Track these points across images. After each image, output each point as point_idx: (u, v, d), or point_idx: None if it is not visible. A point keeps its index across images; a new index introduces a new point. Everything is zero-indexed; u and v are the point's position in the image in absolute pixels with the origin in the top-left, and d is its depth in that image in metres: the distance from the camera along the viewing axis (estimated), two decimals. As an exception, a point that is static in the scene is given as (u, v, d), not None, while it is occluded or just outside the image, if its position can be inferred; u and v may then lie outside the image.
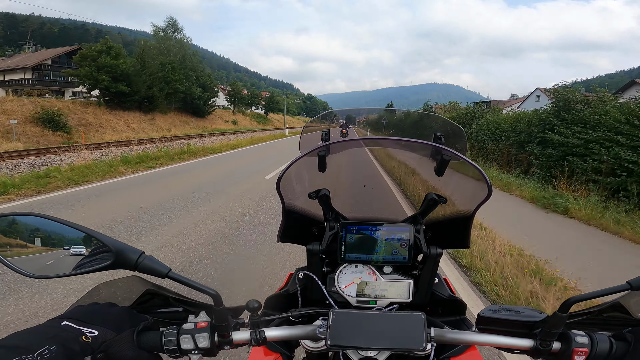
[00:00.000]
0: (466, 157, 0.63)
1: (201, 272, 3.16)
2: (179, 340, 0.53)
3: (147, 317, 0.55)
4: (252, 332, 0.57)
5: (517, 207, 6.49)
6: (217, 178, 8.27)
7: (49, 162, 10.15)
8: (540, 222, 5.57)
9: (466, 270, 3.45)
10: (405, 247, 0.70)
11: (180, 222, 4.61)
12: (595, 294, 0.51)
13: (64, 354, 0.42)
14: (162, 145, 14.37)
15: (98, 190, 6.54)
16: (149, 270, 0.51)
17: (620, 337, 0.53)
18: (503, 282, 3.06)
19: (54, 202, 5.60)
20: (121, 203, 5.57)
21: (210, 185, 7.23)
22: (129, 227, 4.33)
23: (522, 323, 0.57)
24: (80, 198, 5.89)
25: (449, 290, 0.78)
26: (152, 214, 4.93)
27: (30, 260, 0.54)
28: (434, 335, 0.57)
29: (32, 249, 0.54)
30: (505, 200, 6.96)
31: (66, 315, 0.49)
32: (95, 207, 5.33)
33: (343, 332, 0.56)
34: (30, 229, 0.55)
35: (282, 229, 0.74)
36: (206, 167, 10.19)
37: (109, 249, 0.51)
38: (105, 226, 4.31)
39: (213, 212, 5.19)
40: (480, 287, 3.11)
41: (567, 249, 4.23)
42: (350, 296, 0.71)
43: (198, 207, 5.44)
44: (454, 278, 3.28)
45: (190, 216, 4.92)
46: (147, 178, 8.14)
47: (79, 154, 10.77)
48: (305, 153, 0.66)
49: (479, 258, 3.52)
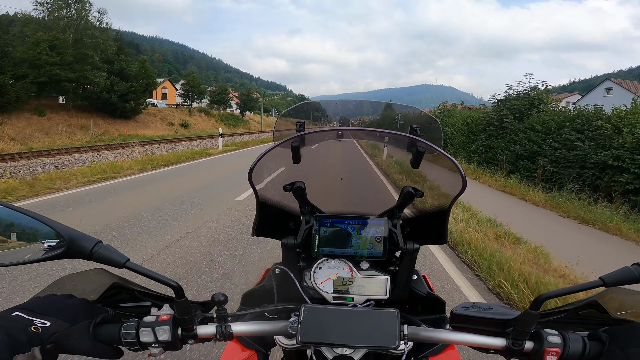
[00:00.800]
0: (441, 149, 0.62)
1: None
2: (139, 333, 0.52)
3: (108, 310, 0.54)
4: (218, 327, 0.55)
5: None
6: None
7: None
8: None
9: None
10: (380, 241, 0.69)
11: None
12: (568, 290, 0.50)
13: (7, 344, 0.41)
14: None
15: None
16: (105, 259, 0.49)
17: (594, 337, 0.51)
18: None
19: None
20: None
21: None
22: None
23: (495, 321, 0.56)
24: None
25: (428, 288, 0.77)
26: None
27: (8, 254, 0.53)
28: (407, 332, 0.55)
29: (9, 244, 0.53)
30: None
31: (20, 306, 0.48)
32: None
33: (315, 329, 0.54)
34: (5, 224, 0.53)
35: (257, 223, 0.72)
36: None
37: (61, 237, 0.50)
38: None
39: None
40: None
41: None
42: (326, 292, 0.70)
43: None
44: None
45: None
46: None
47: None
48: (277, 144, 0.64)
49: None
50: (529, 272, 3.31)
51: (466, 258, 3.97)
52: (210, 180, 8.11)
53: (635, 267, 0.48)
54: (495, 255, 3.71)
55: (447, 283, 3.36)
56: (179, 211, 5.16)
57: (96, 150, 13.89)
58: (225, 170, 9.74)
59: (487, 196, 8.23)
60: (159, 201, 5.71)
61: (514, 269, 3.36)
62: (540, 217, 6.61)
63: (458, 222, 4.96)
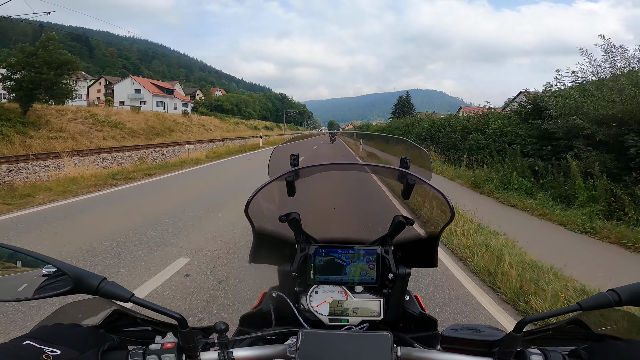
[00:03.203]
0: (431, 181, 0.66)
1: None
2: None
3: (114, 337, 0.56)
4: (220, 353, 0.58)
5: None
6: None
7: None
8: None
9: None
10: (373, 268, 0.72)
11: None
12: (548, 314, 0.55)
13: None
14: None
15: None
16: (111, 295, 0.52)
17: (575, 355, 0.55)
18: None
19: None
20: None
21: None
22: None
23: (482, 342, 0.60)
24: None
25: (420, 308, 0.81)
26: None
27: (3, 282, 0.55)
28: (400, 354, 0.58)
29: (5, 271, 0.55)
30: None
31: (29, 335, 0.49)
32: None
33: (312, 352, 0.57)
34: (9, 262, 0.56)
35: (254, 251, 0.75)
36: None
37: (67, 275, 0.52)
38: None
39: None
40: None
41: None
42: (322, 315, 0.72)
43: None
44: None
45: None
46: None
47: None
48: (272, 179, 0.67)
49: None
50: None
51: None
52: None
53: (610, 292, 0.52)
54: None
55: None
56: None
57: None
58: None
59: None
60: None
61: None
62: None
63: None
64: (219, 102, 56.61)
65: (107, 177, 8.26)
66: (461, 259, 3.90)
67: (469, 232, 4.41)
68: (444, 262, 3.77)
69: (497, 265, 3.44)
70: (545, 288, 2.86)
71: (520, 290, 2.95)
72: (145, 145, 21.57)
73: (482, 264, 3.54)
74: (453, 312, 2.76)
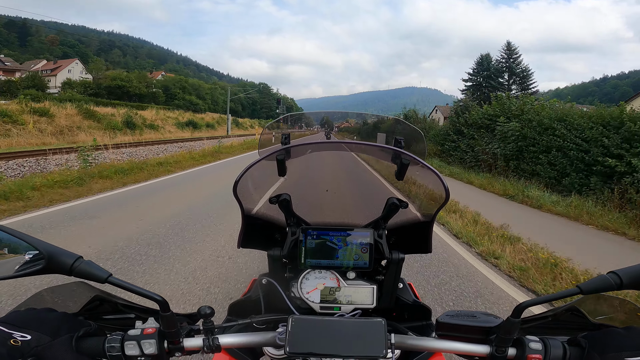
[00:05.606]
0: (425, 161, 0.64)
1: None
2: (124, 346, 0.51)
3: (90, 323, 0.53)
4: (205, 339, 0.55)
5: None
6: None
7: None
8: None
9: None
10: (366, 252, 0.70)
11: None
12: (547, 298, 0.53)
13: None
14: None
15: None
16: (86, 275, 0.49)
17: (574, 343, 0.54)
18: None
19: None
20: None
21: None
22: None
23: (478, 329, 0.58)
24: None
25: (414, 296, 0.79)
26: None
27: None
28: (394, 341, 0.56)
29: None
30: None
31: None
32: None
33: (302, 339, 0.55)
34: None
35: (243, 235, 0.72)
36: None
37: (40, 252, 0.49)
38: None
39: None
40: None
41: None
42: (313, 302, 0.70)
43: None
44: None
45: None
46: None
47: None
48: (262, 157, 0.65)
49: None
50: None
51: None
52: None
53: (611, 275, 0.51)
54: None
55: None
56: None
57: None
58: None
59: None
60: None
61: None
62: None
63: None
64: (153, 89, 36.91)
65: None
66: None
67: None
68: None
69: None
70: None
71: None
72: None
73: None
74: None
